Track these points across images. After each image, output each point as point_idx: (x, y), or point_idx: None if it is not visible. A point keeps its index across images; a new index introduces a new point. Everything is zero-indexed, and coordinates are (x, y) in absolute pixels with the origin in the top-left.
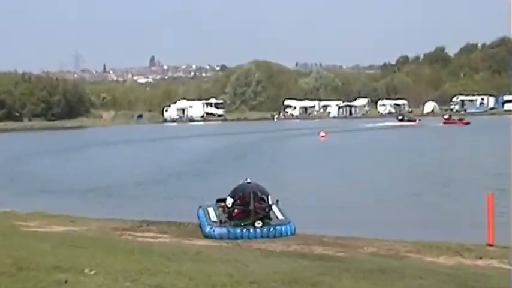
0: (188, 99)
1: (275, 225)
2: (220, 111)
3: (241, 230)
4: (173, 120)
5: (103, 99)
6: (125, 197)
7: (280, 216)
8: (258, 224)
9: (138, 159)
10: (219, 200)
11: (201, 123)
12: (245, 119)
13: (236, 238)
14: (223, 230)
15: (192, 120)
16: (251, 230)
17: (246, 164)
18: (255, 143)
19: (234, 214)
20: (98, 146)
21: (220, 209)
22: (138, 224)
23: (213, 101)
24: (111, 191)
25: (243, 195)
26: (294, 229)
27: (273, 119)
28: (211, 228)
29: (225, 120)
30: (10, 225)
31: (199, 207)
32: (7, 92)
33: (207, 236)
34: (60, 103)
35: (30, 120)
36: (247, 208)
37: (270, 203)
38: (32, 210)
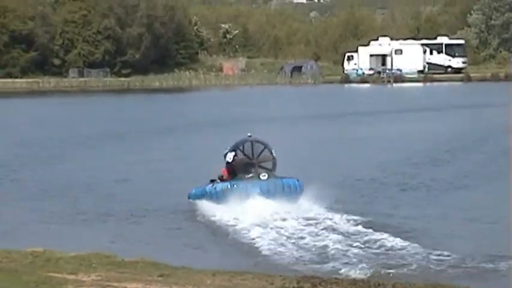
0: (393, 39)
1: (282, 178)
2: (457, 62)
3: (246, 184)
4: (362, 79)
5: (225, 36)
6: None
7: None
8: (264, 176)
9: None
10: (212, 181)
11: (418, 84)
12: (508, 77)
13: (240, 193)
14: (226, 185)
15: (399, 78)
16: (256, 184)
17: None
18: None
19: (236, 168)
20: (211, 126)
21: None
22: (294, 282)
23: (442, 40)
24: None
25: (244, 147)
26: (303, 185)
27: None
28: (213, 185)
29: (468, 78)
30: (45, 279)
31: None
32: (39, 17)
33: (208, 195)
34: (142, 42)
35: (82, 74)
36: (251, 161)
37: (275, 155)
38: (85, 251)
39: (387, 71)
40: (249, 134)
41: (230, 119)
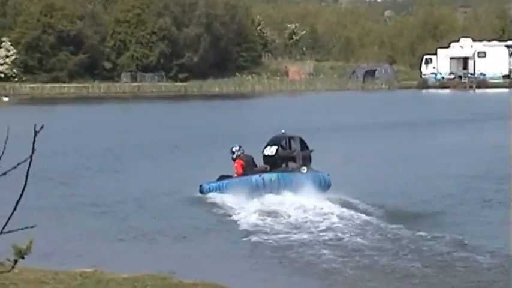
0: (476, 40)
1: (318, 172)
2: None
3: (290, 176)
4: (441, 84)
5: (291, 37)
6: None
7: None
8: (303, 170)
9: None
10: (223, 177)
11: (504, 89)
12: None
13: (286, 184)
14: (274, 176)
15: (482, 83)
16: (299, 176)
17: None
18: None
19: (276, 162)
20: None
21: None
22: None
23: None
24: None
25: (281, 142)
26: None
27: None
28: (260, 176)
29: None
30: None
31: (201, 185)
32: (88, 16)
33: (254, 186)
34: (200, 44)
35: (135, 78)
36: (290, 154)
37: (311, 149)
38: (138, 272)
39: (469, 75)
40: (283, 131)
41: (296, 127)
